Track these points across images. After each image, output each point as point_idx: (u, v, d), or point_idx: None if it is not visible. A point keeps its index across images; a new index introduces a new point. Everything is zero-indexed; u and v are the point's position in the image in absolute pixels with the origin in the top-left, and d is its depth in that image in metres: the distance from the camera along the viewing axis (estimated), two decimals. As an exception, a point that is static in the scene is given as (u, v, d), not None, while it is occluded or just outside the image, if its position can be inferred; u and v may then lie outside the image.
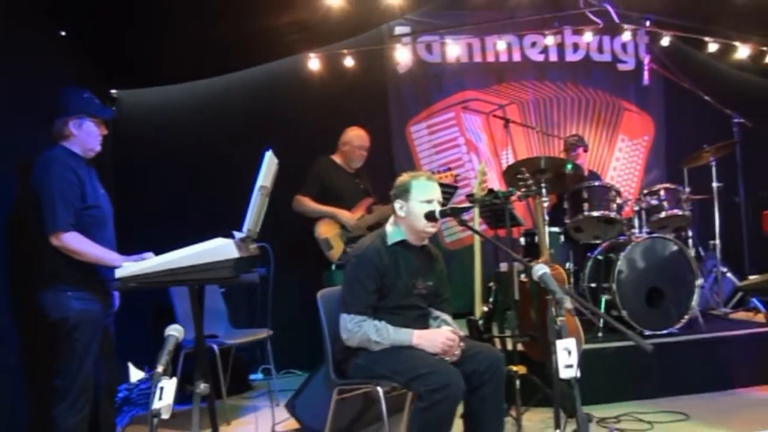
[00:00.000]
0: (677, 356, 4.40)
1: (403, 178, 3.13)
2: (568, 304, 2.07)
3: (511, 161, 6.07)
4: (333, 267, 4.85)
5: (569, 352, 1.98)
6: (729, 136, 5.65)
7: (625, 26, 6.15)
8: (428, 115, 6.46)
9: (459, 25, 6.32)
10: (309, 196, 4.89)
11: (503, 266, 5.18)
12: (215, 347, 4.38)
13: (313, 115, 5.65)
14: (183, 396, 4.61)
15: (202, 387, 2.51)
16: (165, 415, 1.88)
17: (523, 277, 4.43)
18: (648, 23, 6.10)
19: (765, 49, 6.06)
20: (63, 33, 4.29)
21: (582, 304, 2.42)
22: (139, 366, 5.37)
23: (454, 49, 6.34)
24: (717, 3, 4.99)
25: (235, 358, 4.97)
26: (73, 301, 2.93)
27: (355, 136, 5.03)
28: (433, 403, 2.68)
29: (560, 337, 2.01)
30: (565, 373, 1.99)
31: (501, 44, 6.43)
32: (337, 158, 5.06)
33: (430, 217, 2.97)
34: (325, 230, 4.85)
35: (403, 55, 6.20)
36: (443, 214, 2.98)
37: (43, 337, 3.06)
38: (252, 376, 5.57)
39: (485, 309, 4.43)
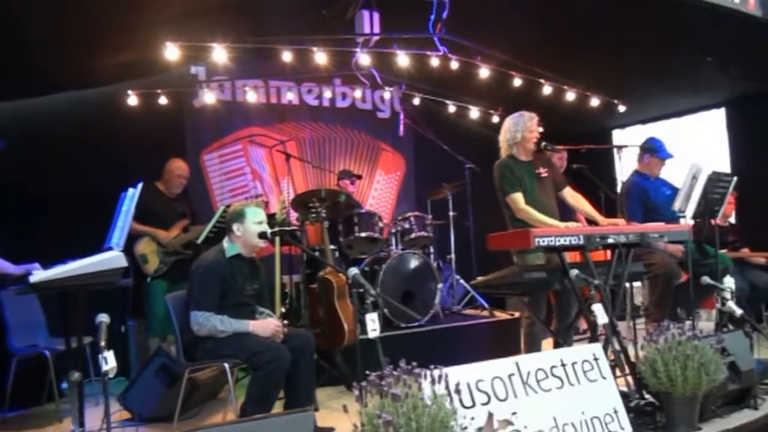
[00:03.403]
0: (425, 341, 5.79)
1: (237, 207, 4.12)
2: (373, 292, 3.23)
3: (290, 189, 7.18)
4: (149, 279, 5.58)
5: (374, 322, 3.14)
6: (462, 178, 7.21)
7: (386, 88, 7.64)
8: (219, 146, 7.29)
9: (248, 72, 7.23)
10: (135, 220, 5.52)
11: (295, 277, 6.25)
12: (47, 353, 4.88)
13: (122, 140, 6.09)
14: (18, 401, 5.09)
15: (76, 375, 3.31)
16: (111, 374, 2.73)
17: (311, 285, 5.57)
18: (403, 87, 7.67)
19: (491, 112, 7.81)
20: None
21: (380, 295, 3.60)
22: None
23: (242, 90, 7.23)
24: (456, 78, 6.56)
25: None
26: None
27: (176, 167, 5.86)
28: (269, 372, 3.70)
29: (368, 312, 3.16)
30: (371, 335, 3.15)
31: (284, 90, 7.52)
32: (160, 185, 5.82)
33: (262, 235, 4.00)
34: (143, 247, 5.57)
35: (198, 93, 6.95)
36: (273, 234, 4.04)
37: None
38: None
39: (283, 309, 5.50)
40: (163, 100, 6.38)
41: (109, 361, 2.72)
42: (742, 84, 7.12)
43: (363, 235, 6.13)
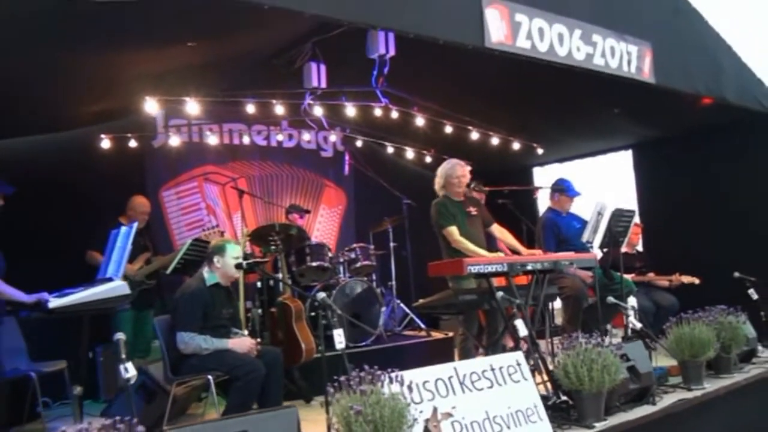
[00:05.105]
0: (371, 359, 6.35)
1: (218, 242, 4.78)
2: (338, 311, 3.93)
3: (240, 223, 7.75)
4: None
5: (341, 336, 3.84)
6: (400, 212, 8.01)
7: (332, 131, 8.43)
8: (176, 183, 7.87)
9: (203, 115, 7.75)
10: (99, 252, 6.03)
11: (247, 303, 6.84)
12: (33, 375, 5.30)
13: (86, 178, 6.60)
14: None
15: (78, 389, 3.89)
16: (132, 381, 3.33)
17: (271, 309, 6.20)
18: (347, 130, 8.46)
19: (424, 152, 8.70)
20: None
21: (343, 315, 4.30)
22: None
23: (197, 132, 7.87)
24: (395, 124, 7.39)
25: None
26: None
27: (139, 204, 6.39)
28: (247, 382, 4.34)
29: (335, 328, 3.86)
30: (338, 346, 3.84)
31: (236, 132, 8.19)
32: (123, 220, 6.30)
33: (239, 267, 4.66)
34: None
35: (157, 134, 7.54)
36: (249, 265, 4.71)
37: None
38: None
39: (245, 332, 6.10)
40: (130, 143, 6.95)
41: (129, 370, 3.32)
42: (645, 130, 8.10)
43: (314, 264, 6.80)
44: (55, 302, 3.81)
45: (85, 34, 4.04)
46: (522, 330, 4.45)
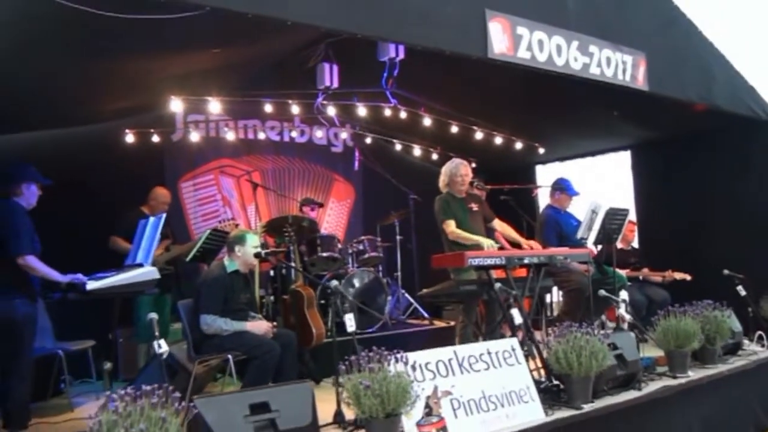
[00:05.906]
0: (376, 345, 6.63)
1: (238, 233, 5.19)
2: (350, 298, 4.32)
3: (253, 214, 8.13)
4: None
5: (351, 320, 4.23)
6: (407, 206, 8.40)
7: (342, 128, 8.81)
8: (194, 176, 8.25)
9: (221, 115, 8.13)
10: (122, 237, 6.40)
11: (261, 291, 7.23)
12: (60, 353, 5.64)
13: (110, 170, 6.92)
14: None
15: (108, 365, 4.28)
16: (164, 356, 3.72)
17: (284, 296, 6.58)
18: (357, 127, 8.84)
19: (431, 150, 9.08)
20: None
21: (354, 301, 4.68)
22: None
23: (214, 127, 8.26)
24: (403, 123, 7.75)
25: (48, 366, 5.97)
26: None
27: (160, 194, 6.75)
28: (264, 361, 4.74)
29: (346, 313, 4.25)
30: (349, 329, 4.23)
31: (250, 127, 8.57)
32: (145, 209, 6.68)
33: (257, 255, 5.05)
34: None
35: (176, 128, 7.93)
36: (266, 254, 5.10)
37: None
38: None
39: (259, 316, 6.50)
40: (152, 138, 7.32)
41: (162, 346, 3.71)
42: (643, 132, 8.40)
43: (324, 255, 7.18)
44: (92, 284, 4.19)
45: (121, 44, 4.39)
46: (517, 318, 4.82)
